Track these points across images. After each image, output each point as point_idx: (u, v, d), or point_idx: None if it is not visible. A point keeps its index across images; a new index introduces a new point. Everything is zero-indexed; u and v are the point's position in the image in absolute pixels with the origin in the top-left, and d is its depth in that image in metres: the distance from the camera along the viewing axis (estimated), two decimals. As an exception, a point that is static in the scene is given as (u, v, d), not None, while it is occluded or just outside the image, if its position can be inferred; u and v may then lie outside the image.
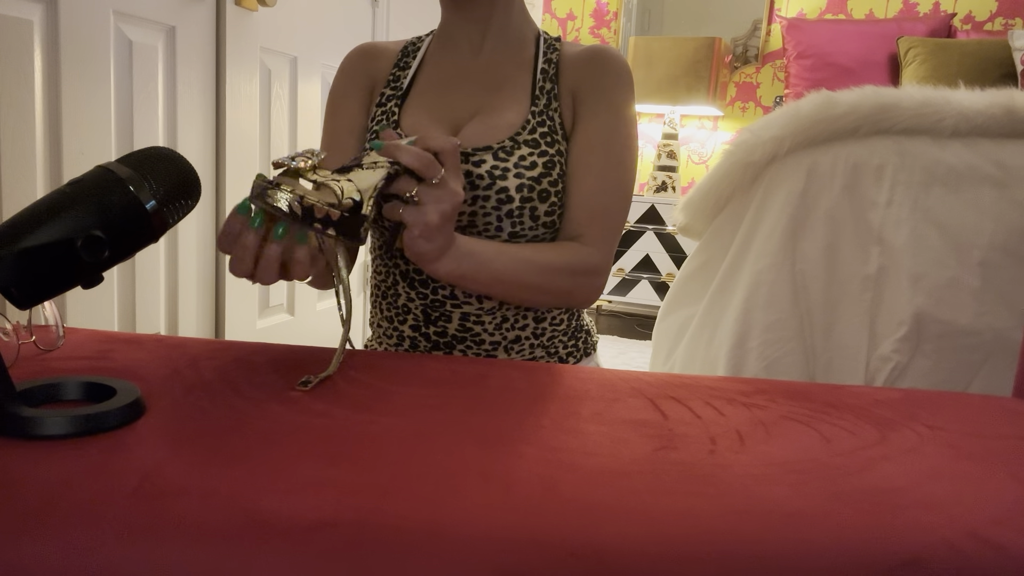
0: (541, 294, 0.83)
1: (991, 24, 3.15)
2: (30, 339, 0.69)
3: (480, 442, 0.51)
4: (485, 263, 0.76)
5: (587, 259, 0.85)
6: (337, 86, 0.97)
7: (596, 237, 0.86)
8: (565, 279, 0.83)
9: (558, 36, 0.96)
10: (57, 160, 1.30)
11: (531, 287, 0.81)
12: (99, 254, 0.49)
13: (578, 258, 0.84)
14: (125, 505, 0.39)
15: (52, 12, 1.26)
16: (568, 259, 0.83)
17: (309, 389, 0.60)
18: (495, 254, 0.78)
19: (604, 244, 0.86)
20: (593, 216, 0.86)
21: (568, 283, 0.84)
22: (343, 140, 0.94)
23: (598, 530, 0.39)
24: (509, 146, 0.84)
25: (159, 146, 0.55)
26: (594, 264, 0.85)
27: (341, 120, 0.95)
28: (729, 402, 0.63)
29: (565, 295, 0.85)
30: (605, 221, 0.86)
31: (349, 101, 0.95)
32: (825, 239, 1.39)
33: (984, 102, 1.32)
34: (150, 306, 1.53)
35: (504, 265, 0.78)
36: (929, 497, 0.45)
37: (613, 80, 0.88)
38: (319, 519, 0.39)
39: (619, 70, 0.89)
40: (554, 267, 0.82)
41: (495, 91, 0.90)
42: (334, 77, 0.98)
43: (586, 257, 0.85)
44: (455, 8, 0.92)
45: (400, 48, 0.98)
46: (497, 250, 0.78)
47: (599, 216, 0.86)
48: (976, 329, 1.28)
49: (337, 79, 0.97)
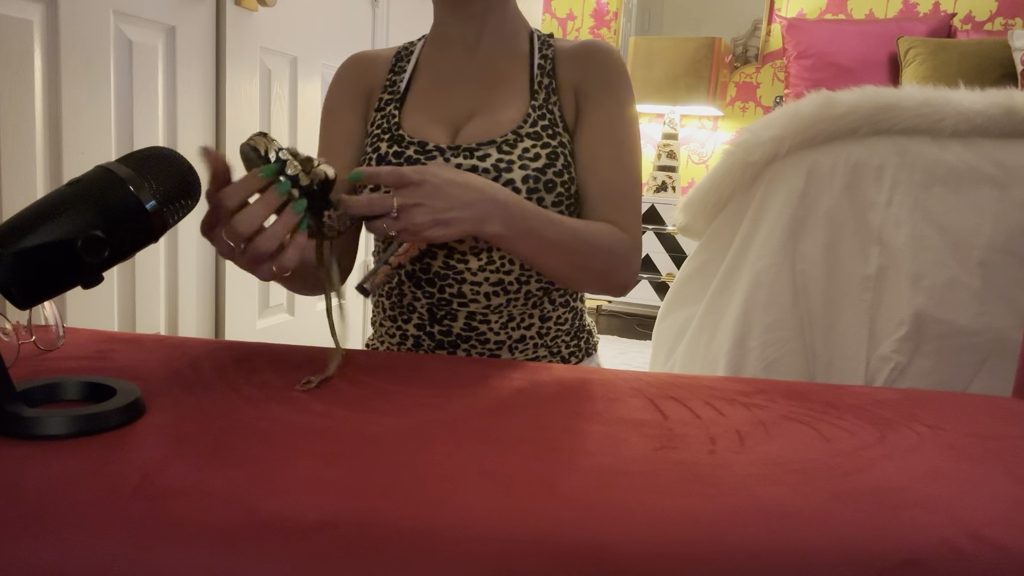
0: (581, 271, 0.82)
1: (991, 24, 3.15)
2: (30, 339, 0.69)
3: (480, 442, 0.51)
4: (536, 229, 0.75)
5: (624, 241, 0.85)
6: (332, 96, 0.97)
7: (626, 221, 0.86)
8: (606, 258, 0.83)
9: (550, 32, 0.97)
10: (57, 160, 1.30)
11: (575, 262, 0.80)
12: (99, 254, 0.49)
13: (616, 239, 0.84)
14: (125, 505, 0.39)
15: (52, 12, 1.26)
16: (610, 239, 0.83)
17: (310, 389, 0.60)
18: (546, 221, 0.77)
19: (635, 228, 0.87)
20: (616, 202, 0.87)
21: (608, 263, 0.84)
22: (340, 149, 0.94)
23: (598, 530, 0.39)
24: (512, 140, 0.85)
25: (159, 146, 0.55)
26: (630, 247, 0.86)
27: (337, 129, 0.95)
28: (729, 402, 0.63)
29: (604, 274, 0.84)
30: (630, 205, 0.87)
31: (345, 110, 0.95)
32: (825, 239, 1.39)
33: (984, 102, 1.32)
34: (150, 306, 1.53)
35: (555, 234, 0.77)
36: (929, 497, 0.45)
37: (612, 72, 0.90)
38: (319, 519, 0.39)
39: (616, 62, 0.91)
40: (599, 244, 0.82)
41: (493, 88, 0.91)
42: (329, 87, 0.98)
43: (623, 241, 0.85)
44: (450, 7, 0.92)
45: (393, 54, 0.98)
46: (547, 217, 0.77)
47: (623, 201, 0.87)
48: (976, 329, 1.28)
49: (332, 89, 0.97)
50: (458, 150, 0.85)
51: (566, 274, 0.82)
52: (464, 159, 0.84)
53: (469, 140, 0.86)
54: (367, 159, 0.91)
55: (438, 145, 0.86)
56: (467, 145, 0.85)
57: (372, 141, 0.91)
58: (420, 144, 0.87)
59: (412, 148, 0.87)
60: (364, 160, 0.92)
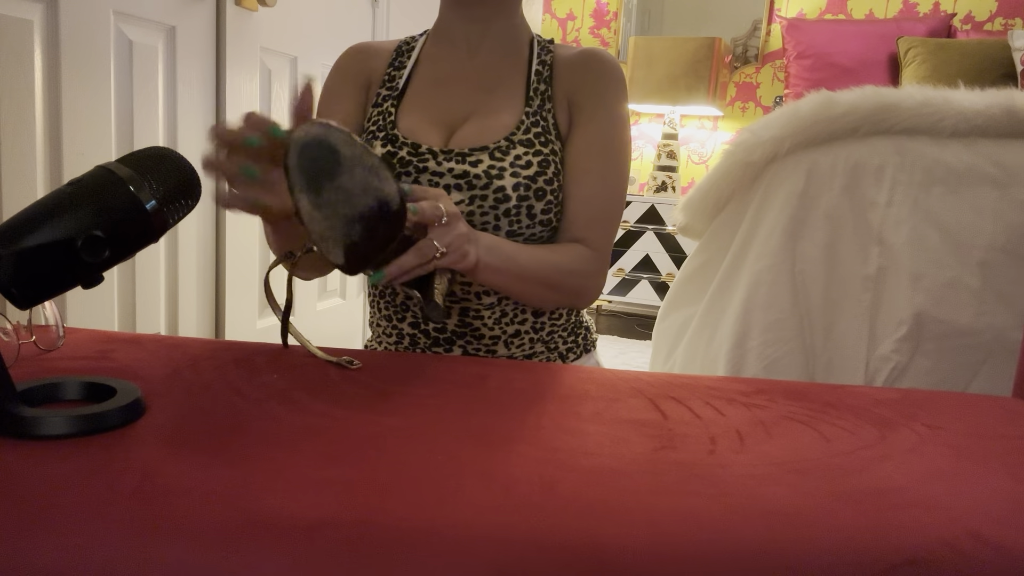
0: (554, 292, 0.85)
1: (991, 24, 3.15)
2: (30, 339, 0.69)
3: (480, 442, 0.51)
4: (511, 257, 0.78)
5: (592, 261, 0.87)
6: (331, 84, 0.96)
7: (597, 241, 0.88)
8: (576, 279, 0.86)
9: (551, 39, 0.97)
10: (57, 160, 1.30)
11: (548, 284, 0.83)
12: (99, 254, 0.49)
13: (583, 260, 0.86)
14: (125, 505, 0.39)
15: (52, 12, 1.26)
16: (576, 261, 0.86)
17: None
18: (517, 250, 0.79)
19: (604, 247, 0.89)
20: (593, 220, 0.88)
21: (577, 283, 0.87)
22: None
23: (598, 530, 0.39)
24: (504, 146, 0.85)
25: (159, 146, 0.55)
26: (597, 267, 0.88)
27: (333, 114, 0.94)
28: (729, 402, 0.63)
29: (573, 295, 0.87)
30: (605, 225, 0.89)
31: (343, 99, 0.95)
32: (825, 239, 1.39)
33: (984, 102, 1.32)
34: (150, 306, 1.53)
35: (527, 260, 0.80)
36: (929, 497, 0.45)
37: (608, 84, 0.90)
38: (319, 519, 0.39)
39: (613, 73, 0.90)
40: (567, 267, 0.85)
41: (489, 92, 0.91)
42: (328, 75, 0.97)
43: (590, 259, 0.87)
44: (458, 7, 0.92)
45: (394, 47, 0.97)
46: (517, 247, 0.80)
47: (599, 220, 0.88)
48: (976, 329, 1.28)
49: (331, 77, 0.97)
50: (450, 154, 0.85)
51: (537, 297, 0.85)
52: (456, 163, 0.84)
53: (462, 144, 0.86)
54: None
55: (431, 148, 0.86)
56: (460, 149, 0.85)
57: (367, 138, 0.91)
58: (413, 146, 0.87)
59: (405, 149, 0.87)
60: None
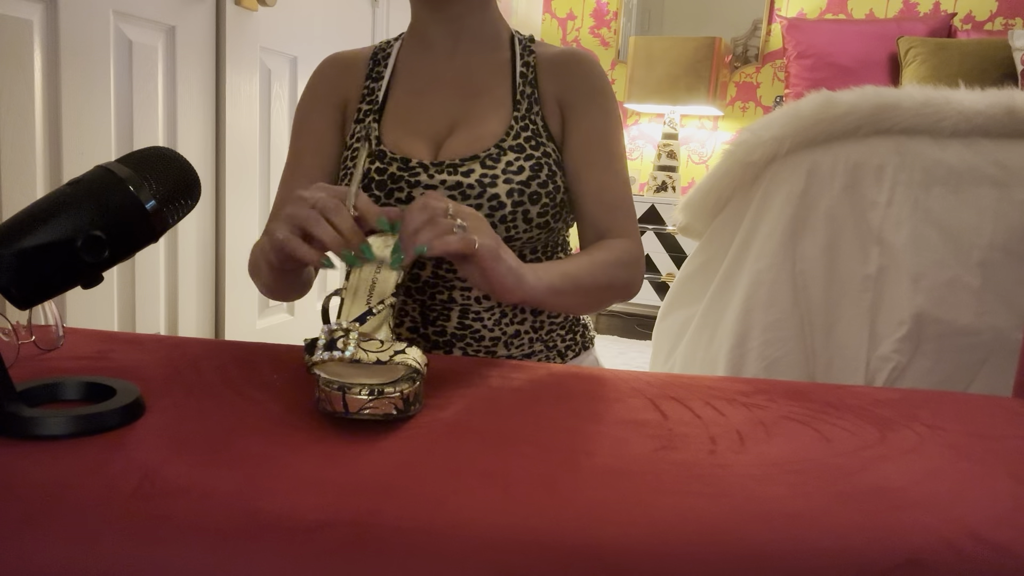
0: (609, 292, 0.84)
1: (991, 24, 3.15)
2: (30, 339, 0.69)
3: (480, 442, 0.51)
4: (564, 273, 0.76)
5: (629, 249, 0.87)
6: (304, 104, 0.94)
7: (624, 228, 0.88)
8: (624, 271, 0.85)
9: (531, 36, 0.96)
10: (57, 160, 1.30)
11: (604, 287, 0.82)
12: (99, 254, 0.49)
13: (622, 250, 0.86)
14: (125, 505, 0.39)
15: (52, 12, 1.26)
16: (616, 252, 0.85)
17: None
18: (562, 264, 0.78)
19: (633, 231, 0.89)
20: (613, 208, 0.88)
21: (627, 274, 0.86)
22: (307, 162, 0.92)
23: (598, 530, 0.39)
24: (496, 153, 0.84)
25: (159, 146, 0.55)
26: (636, 252, 0.88)
27: (306, 141, 0.93)
28: (729, 402, 0.63)
29: (624, 289, 0.87)
30: (625, 211, 0.89)
31: (316, 119, 0.93)
32: (825, 239, 1.39)
33: (984, 102, 1.32)
34: (150, 306, 1.53)
35: (577, 269, 0.79)
36: (929, 497, 0.45)
37: (595, 81, 0.90)
38: (319, 519, 0.39)
39: (598, 71, 0.91)
40: (613, 262, 0.84)
41: (474, 98, 0.89)
42: (303, 92, 0.95)
43: (627, 247, 0.87)
44: (428, 7, 0.90)
45: (370, 55, 0.95)
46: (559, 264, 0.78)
47: (619, 207, 0.88)
48: (976, 329, 1.28)
49: (304, 96, 0.95)
50: (441, 166, 0.84)
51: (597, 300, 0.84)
52: (448, 175, 0.83)
53: (452, 156, 0.85)
54: (348, 173, 0.89)
55: (421, 161, 0.85)
56: (450, 161, 0.84)
57: (353, 155, 0.89)
58: (403, 160, 0.85)
59: (395, 165, 0.85)
60: (343, 173, 0.90)
